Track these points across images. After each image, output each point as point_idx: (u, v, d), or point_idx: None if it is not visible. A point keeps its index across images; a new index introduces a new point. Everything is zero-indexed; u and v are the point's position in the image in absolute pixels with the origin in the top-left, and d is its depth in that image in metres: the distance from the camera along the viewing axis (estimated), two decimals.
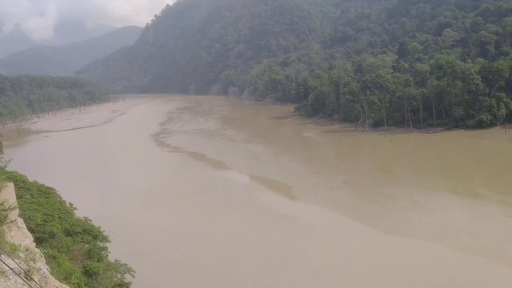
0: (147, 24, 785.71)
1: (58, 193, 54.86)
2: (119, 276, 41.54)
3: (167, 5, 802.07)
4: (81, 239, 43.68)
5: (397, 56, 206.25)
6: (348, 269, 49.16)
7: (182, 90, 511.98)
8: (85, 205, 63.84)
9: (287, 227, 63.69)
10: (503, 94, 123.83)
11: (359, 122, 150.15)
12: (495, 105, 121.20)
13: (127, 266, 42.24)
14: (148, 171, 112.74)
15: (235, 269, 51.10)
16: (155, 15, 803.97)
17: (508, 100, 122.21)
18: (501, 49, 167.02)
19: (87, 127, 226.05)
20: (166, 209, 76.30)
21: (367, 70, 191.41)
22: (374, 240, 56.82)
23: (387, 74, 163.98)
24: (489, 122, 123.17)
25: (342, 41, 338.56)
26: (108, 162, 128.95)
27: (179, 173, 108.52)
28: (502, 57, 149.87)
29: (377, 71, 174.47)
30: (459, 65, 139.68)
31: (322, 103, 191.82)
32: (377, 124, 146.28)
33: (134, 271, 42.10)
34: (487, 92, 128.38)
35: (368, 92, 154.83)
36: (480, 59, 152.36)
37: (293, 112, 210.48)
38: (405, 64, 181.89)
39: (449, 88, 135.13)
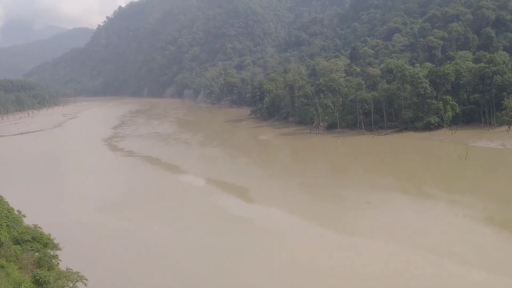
0: (99, 25, 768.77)
1: (5, 200, 52.83)
2: (71, 285, 40.46)
3: (120, 7, 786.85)
4: (31, 247, 42.36)
5: (349, 60, 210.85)
6: (303, 269, 49.82)
7: (136, 93, 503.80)
8: (35, 212, 61.75)
9: (243, 229, 63.90)
10: (449, 97, 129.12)
11: (314, 125, 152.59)
12: (442, 108, 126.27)
13: (79, 274, 41.13)
14: (101, 176, 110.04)
15: (190, 272, 50.72)
16: (107, 17, 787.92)
17: (454, 103, 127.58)
18: (447, 53, 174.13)
19: (36, 131, 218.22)
20: (120, 214, 74.76)
21: (320, 74, 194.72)
22: (329, 240, 57.93)
23: (340, 77, 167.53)
24: (436, 124, 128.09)
25: (296, 45, 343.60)
26: (59, 168, 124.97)
27: (133, 177, 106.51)
28: (448, 61, 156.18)
29: (330, 75, 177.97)
30: (408, 69, 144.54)
31: (277, 106, 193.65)
32: (330, 127, 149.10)
33: (86, 279, 41.03)
34: (435, 95, 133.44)
35: (322, 95, 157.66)
36: (428, 63, 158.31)
37: (249, 115, 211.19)
38: (357, 68, 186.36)
39: (399, 92, 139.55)
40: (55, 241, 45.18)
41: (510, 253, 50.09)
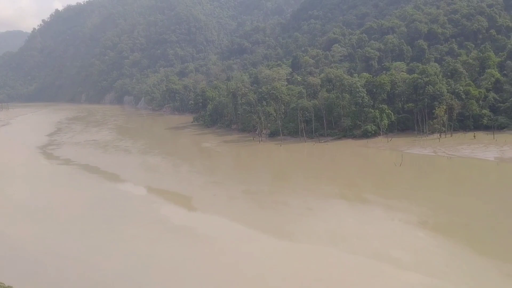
0: (34, 29, 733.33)
1: None
2: None
3: (56, 10, 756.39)
4: None
5: (291, 69, 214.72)
6: (246, 277, 49.84)
7: (73, 99, 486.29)
8: None
9: (186, 238, 63.03)
10: (385, 106, 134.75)
11: (256, 132, 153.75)
12: (378, 116, 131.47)
13: None
14: (35, 185, 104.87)
15: (132, 284, 49.33)
16: (43, 20, 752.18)
17: (390, 111, 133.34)
18: (383, 64, 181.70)
19: None
20: (56, 225, 71.54)
21: (263, 82, 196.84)
22: (271, 247, 58.29)
23: (282, 86, 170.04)
24: (373, 131, 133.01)
25: (239, 53, 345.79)
26: None
27: (70, 187, 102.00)
28: (384, 72, 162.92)
29: (273, 83, 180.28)
30: (347, 79, 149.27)
31: (220, 114, 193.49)
32: (273, 134, 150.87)
33: None
34: (372, 104, 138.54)
35: (264, 103, 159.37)
36: (365, 73, 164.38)
37: (192, 122, 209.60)
38: (298, 77, 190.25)
39: (338, 100, 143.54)
40: None
41: (443, 256, 52.57)
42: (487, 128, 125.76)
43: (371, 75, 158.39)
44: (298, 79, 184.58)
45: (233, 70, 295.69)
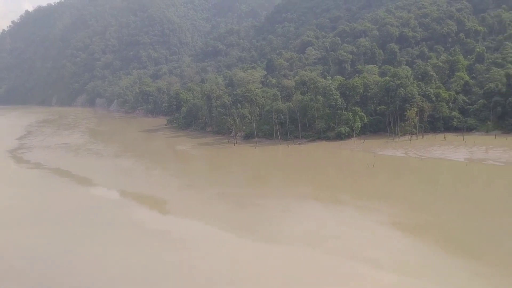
0: (3, 30, 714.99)
1: None
2: None
3: (26, 11, 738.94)
4: None
5: (265, 72, 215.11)
6: (223, 280, 49.58)
7: (44, 102, 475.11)
8: None
9: (160, 242, 62.36)
10: (358, 108, 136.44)
11: (231, 135, 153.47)
12: (351, 118, 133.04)
13: None
14: (4, 190, 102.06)
15: None
16: (13, 21, 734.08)
17: (363, 114, 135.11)
18: (356, 67, 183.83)
19: None
20: (26, 231, 69.76)
21: (238, 84, 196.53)
22: (248, 250, 58.22)
23: (256, 88, 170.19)
24: (347, 134, 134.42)
25: (213, 55, 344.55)
26: None
27: (41, 191, 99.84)
28: (357, 74, 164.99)
29: (247, 85, 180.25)
30: (320, 81, 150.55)
31: (194, 116, 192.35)
32: (248, 137, 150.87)
33: None
34: (345, 106, 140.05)
35: (239, 105, 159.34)
36: (338, 76, 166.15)
37: (166, 125, 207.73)
38: (273, 79, 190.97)
39: (312, 103, 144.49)
40: None
41: (416, 255, 53.48)
42: (456, 129, 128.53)
43: (344, 78, 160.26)
44: (273, 82, 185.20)
45: (207, 72, 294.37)
